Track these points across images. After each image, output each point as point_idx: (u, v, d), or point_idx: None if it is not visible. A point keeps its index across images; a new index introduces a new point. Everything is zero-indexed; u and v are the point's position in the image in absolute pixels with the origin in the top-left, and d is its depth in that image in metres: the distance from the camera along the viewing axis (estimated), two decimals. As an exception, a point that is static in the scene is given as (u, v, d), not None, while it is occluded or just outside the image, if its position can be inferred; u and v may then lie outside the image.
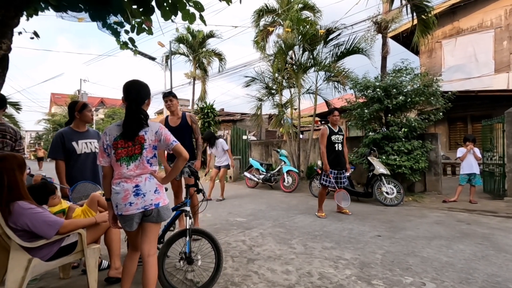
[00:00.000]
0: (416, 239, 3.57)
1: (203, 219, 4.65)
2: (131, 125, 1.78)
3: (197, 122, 3.31)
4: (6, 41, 1.23)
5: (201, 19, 2.30)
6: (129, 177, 1.79)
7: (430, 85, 6.54)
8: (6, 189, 1.82)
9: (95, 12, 1.91)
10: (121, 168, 1.79)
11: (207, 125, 12.82)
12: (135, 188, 1.78)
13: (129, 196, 1.77)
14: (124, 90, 1.85)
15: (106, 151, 1.82)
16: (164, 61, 16.78)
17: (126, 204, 1.76)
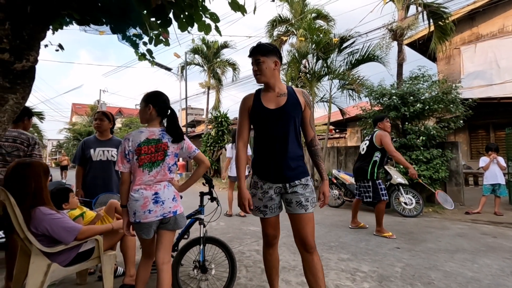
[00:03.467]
0: (438, 252, 3.41)
1: (216, 228, 4.64)
2: (179, 128, 1.94)
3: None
4: (34, 54, 1.30)
5: (217, 29, 2.34)
6: (149, 183, 1.81)
7: (449, 92, 6.36)
8: (31, 194, 1.89)
9: (115, 25, 1.98)
10: (142, 174, 1.81)
11: (221, 133, 12.94)
12: (154, 195, 1.80)
13: (148, 203, 1.77)
14: (162, 97, 1.94)
15: (127, 157, 1.84)
16: (179, 72, 17.19)
17: (145, 211, 1.77)
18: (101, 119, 3.00)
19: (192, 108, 31.24)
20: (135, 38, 2.64)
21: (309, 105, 1.90)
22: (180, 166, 14.93)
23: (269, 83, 1.87)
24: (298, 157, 1.86)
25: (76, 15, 1.65)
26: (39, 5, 1.30)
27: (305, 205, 1.80)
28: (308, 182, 1.86)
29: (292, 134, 1.82)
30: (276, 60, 1.85)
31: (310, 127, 1.93)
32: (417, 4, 8.19)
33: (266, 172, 1.87)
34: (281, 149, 1.81)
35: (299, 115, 1.85)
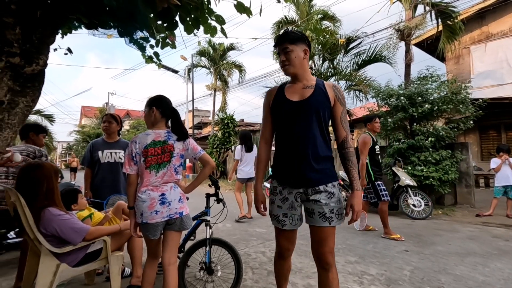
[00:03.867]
0: (448, 255, 3.34)
1: (223, 229, 4.64)
2: (182, 126, 1.99)
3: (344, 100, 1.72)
4: (43, 57, 1.32)
5: (222, 31, 2.35)
6: (156, 185, 1.84)
7: (459, 92, 6.25)
8: (42, 195, 1.93)
9: (123, 28, 2.01)
10: (150, 175, 1.83)
11: (227, 135, 12.98)
12: (161, 196, 1.82)
13: (155, 204, 1.80)
14: (165, 100, 2.00)
15: (134, 159, 1.86)
16: (186, 74, 17.32)
17: (152, 212, 1.79)
18: (109, 122, 3.04)
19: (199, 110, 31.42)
20: (142, 41, 2.67)
21: (341, 100, 1.64)
22: (188, 168, 15.02)
23: (297, 74, 1.65)
24: (325, 158, 1.60)
25: (84, 19, 1.68)
26: (48, 9, 1.33)
27: (329, 217, 1.57)
28: (334, 190, 1.60)
29: (317, 131, 1.58)
30: (306, 49, 1.64)
31: (341, 126, 1.64)
32: (425, 3, 8.10)
33: (286, 174, 1.65)
34: (304, 147, 1.58)
35: (326, 110, 1.60)
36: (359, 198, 1.59)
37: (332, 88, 1.65)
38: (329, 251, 1.60)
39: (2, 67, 1.20)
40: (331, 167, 1.64)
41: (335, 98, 1.63)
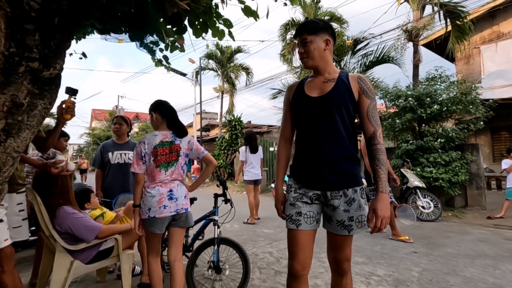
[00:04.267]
0: (457, 257, 3.30)
1: (230, 230, 4.68)
2: (182, 125, 2.10)
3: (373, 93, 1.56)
4: (60, 62, 1.39)
5: (230, 35, 2.40)
6: (165, 182, 1.96)
7: (468, 93, 6.17)
8: (58, 194, 2.01)
9: (134, 33, 2.07)
10: (160, 174, 1.95)
11: (235, 137, 13.05)
12: (169, 192, 1.94)
13: (163, 199, 1.91)
14: (162, 104, 2.12)
15: (143, 159, 1.95)
16: (194, 77, 17.50)
17: (161, 207, 1.90)
18: (120, 123, 3.12)
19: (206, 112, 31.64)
20: (152, 45, 2.74)
21: (367, 93, 1.47)
22: (195, 170, 15.14)
23: (318, 67, 1.51)
24: (347, 159, 1.45)
25: (98, 24, 1.75)
26: (65, 16, 1.40)
27: (348, 225, 1.42)
28: (355, 195, 1.43)
29: (339, 129, 1.44)
30: (328, 39, 1.49)
31: (368, 120, 1.45)
32: (433, 4, 8.03)
33: (303, 174, 1.51)
34: (323, 147, 1.45)
35: (349, 105, 1.45)
36: (384, 202, 1.36)
37: (356, 80, 1.48)
38: (346, 258, 1.50)
39: (23, 71, 1.27)
40: (355, 170, 1.46)
41: (360, 91, 1.47)
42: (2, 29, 1.16)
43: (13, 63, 1.22)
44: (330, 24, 1.54)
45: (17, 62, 1.23)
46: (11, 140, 1.30)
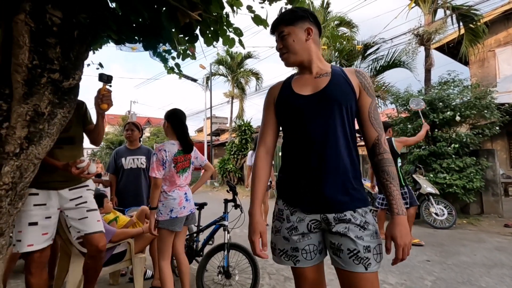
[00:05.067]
0: (473, 266, 3.22)
1: (240, 235, 4.69)
2: (190, 142, 2.27)
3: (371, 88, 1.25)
4: (79, 72, 1.46)
5: (240, 43, 2.45)
6: (181, 186, 2.18)
7: (483, 97, 6.04)
8: None
9: (148, 42, 2.15)
10: (179, 178, 2.16)
11: (244, 141, 13.12)
12: (185, 194, 2.21)
13: (182, 201, 2.15)
14: (176, 115, 2.27)
15: (164, 165, 2.11)
16: (204, 82, 17.74)
17: (181, 207, 2.13)
18: (131, 130, 3.21)
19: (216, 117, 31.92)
20: (165, 53, 2.82)
21: (369, 90, 1.20)
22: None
23: (303, 62, 1.24)
24: (353, 171, 1.14)
25: (114, 35, 1.82)
26: (84, 29, 1.47)
27: (364, 258, 1.06)
28: (367, 218, 1.12)
29: (341, 132, 1.14)
30: (309, 27, 1.21)
31: (371, 123, 1.18)
32: (445, 7, 7.93)
33: (296, 193, 1.18)
34: (323, 157, 1.13)
35: (351, 102, 1.16)
36: (404, 226, 1.07)
37: (355, 74, 1.21)
38: None
39: (44, 82, 1.34)
40: (361, 185, 1.17)
41: (361, 87, 1.20)
42: (27, 43, 1.23)
43: (36, 74, 1.29)
44: (311, 11, 1.26)
45: (39, 74, 1.30)
46: (32, 147, 1.36)
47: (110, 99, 1.77)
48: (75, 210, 1.86)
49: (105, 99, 1.76)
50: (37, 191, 1.77)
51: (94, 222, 1.88)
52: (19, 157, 1.32)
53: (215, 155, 17.86)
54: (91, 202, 1.94)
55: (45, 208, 1.78)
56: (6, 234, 1.39)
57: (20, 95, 1.28)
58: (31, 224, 1.72)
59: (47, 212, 1.79)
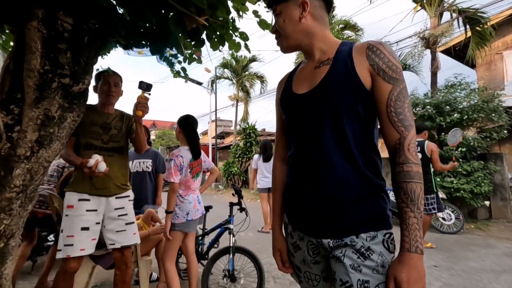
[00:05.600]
0: (481, 272, 3.16)
1: (245, 238, 4.68)
2: (199, 149, 2.34)
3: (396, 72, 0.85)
4: (88, 77, 1.49)
5: (246, 47, 2.47)
6: (194, 189, 2.28)
7: (491, 100, 5.97)
8: None
9: (155, 47, 2.18)
10: (194, 183, 2.28)
11: (249, 145, 13.13)
12: (197, 197, 2.33)
13: (196, 204, 2.25)
14: (187, 122, 2.34)
15: (181, 171, 2.19)
16: (209, 85, 17.85)
17: (196, 210, 2.24)
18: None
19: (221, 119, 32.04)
20: (171, 57, 2.85)
21: (387, 72, 0.86)
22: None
23: (301, 46, 1.01)
24: (358, 184, 0.89)
25: (122, 40, 1.85)
26: (94, 35, 1.50)
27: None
28: (374, 245, 0.86)
29: (339, 140, 0.90)
30: (304, 1, 0.95)
31: (389, 120, 0.86)
32: (452, 10, 7.89)
33: (294, 210, 1.02)
34: (316, 169, 0.92)
35: (352, 99, 0.89)
36: (415, 269, 0.78)
37: (365, 54, 0.88)
38: None
39: (55, 87, 1.37)
40: (375, 201, 0.89)
41: (372, 71, 0.87)
42: (39, 49, 1.26)
43: (47, 79, 1.32)
44: None
45: (50, 79, 1.33)
46: (43, 150, 1.39)
47: (146, 106, 1.83)
48: (115, 222, 1.90)
49: (140, 106, 1.81)
50: (89, 197, 1.83)
51: (131, 235, 1.94)
52: (30, 160, 1.35)
53: (220, 158, 17.90)
54: (131, 215, 1.98)
55: (96, 214, 1.83)
56: (16, 235, 1.41)
57: (32, 99, 1.30)
58: (84, 229, 1.76)
59: (97, 218, 1.83)
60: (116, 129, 2.01)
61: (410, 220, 0.81)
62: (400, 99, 0.86)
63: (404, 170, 0.84)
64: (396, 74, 0.87)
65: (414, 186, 0.82)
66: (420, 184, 0.82)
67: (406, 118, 0.85)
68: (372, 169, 0.91)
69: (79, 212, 1.77)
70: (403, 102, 0.86)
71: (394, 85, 0.86)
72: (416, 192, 0.82)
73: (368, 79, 0.88)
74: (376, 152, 0.94)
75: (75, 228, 1.74)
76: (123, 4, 1.74)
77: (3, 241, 1.32)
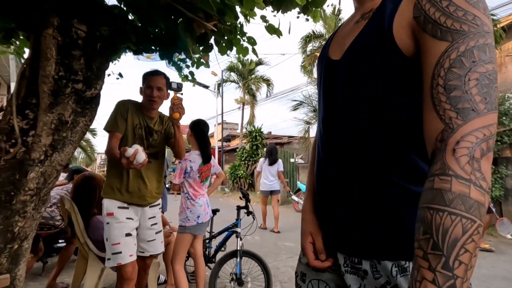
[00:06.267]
0: (492, 279, 3.10)
1: (252, 242, 4.68)
2: (209, 153, 2.38)
3: None
4: (100, 82, 1.52)
5: (254, 51, 2.49)
6: (203, 193, 2.31)
7: (501, 103, 5.88)
8: (94, 204, 2.15)
9: (164, 52, 2.21)
10: (203, 187, 2.32)
11: (255, 148, 13.15)
12: (206, 200, 2.37)
13: (205, 207, 2.29)
14: (199, 126, 2.38)
15: (185, 174, 2.26)
16: (216, 89, 17.96)
17: (206, 213, 2.28)
18: None
19: (227, 122, 32.15)
20: (180, 62, 2.89)
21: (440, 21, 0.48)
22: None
23: None
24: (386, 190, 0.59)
25: (133, 46, 1.89)
26: (106, 41, 1.53)
27: None
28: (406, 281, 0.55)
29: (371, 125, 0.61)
30: None
31: (431, 98, 0.48)
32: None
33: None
34: (335, 161, 0.68)
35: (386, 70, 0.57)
36: None
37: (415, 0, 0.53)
38: None
39: (68, 92, 1.40)
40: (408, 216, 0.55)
41: (416, 26, 0.53)
42: (54, 56, 1.30)
43: (61, 85, 1.35)
44: None
45: (64, 85, 1.36)
46: (56, 154, 1.42)
47: (181, 107, 1.75)
48: (148, 231, 1.89)
49: (176, 108, 1.73)
50: (128, 206, 1.80)
51: (159, 244, 1.95)
52: (44, 164, 1.38)
53: (226, 160, 17.95)
54: (160, 223, 1.97)
55: (133, 222, 1.81)
56: (29, 237, 1.44)
57: (46, 104, 1.34)
58: (128, 235, 1.74)
59: (135, 225, 1.82)
60: (157, 134, 1.93)
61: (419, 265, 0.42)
62: (462, 64, 0.46)
63: (434, 188, 0.43)
64: (461, 23, 0.48)
65: (448, 221, 0.40)
66: (467, 222, 0.40)
67: (466, 97, 0.45)
68: (408, 172, 0.59)
69: (120, 219, 1.74)
70: (467, 69, 0.46)
71: (453, 42, 0.48)
72: (451, 236, 0.40)
73: (408, 40, 0.54)
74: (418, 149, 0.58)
75: (119, 235, 1.71)
76: (134, 11, 1.78)
77: (17, 243, 1.35)
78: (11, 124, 1.30)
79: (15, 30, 1.86)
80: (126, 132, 1.79)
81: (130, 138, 1.80)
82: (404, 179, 0.58)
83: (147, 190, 1.83)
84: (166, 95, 1.93)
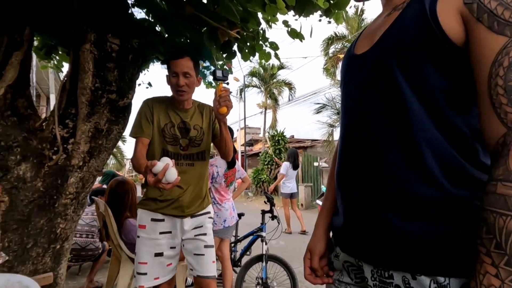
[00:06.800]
0: None
1: (276, 246, 4.65)
2: (234, 158, 2.41)
3: None
4: (132, 92, 1.61)
5: (276, 56, 2.51)
6: (228, 198, 2.37)
7: None
8: (127, 208, 2.26)
9: (190, 61, 2.29)
10: (228, 191, 2.40)
11: (278, 152, 13.12)
12: (232, 205, 2.46)
13: (232, 211, 2.36)
14: None
15: (212, 179, 2.35)
16: (238, 94, 18.21)
17: (232, 217, 2.35)
18: None
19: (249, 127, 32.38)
20: (203, 69, 2.98)
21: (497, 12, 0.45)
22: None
23: None
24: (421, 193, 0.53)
25: (161, 57, 1.98)
26: (137, 53, 1.62)
27: None
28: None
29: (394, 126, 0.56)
30: None
31: (490, 98, 0.46)
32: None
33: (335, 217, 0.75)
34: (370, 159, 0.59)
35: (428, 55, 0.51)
36: None
37: None
38: None
39: (104, 102, 1.50)
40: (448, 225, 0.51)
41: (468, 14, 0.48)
42: (91, 69, 1.40)
43: (97, 96, 1.45)
44: None
45: (100, 95, 1.46)
46: (93, 160, 1.52)
47: (229, 99, 1.38)
48: (193, 242, 1.56)
49: (223, 101, 1.35)
50: (163, 217, 1.52)
51: (209, 264, 1.56)
52: (82, 170, 1.48)
53: (249, 165, 18.06)
54: (210, 236, 1.61)
55: (170, 237, 1.54)
56: (69, 238, 1.54)
57: (84, 114, 1.44)
58: (157, 255, 1.50)
59: (172, 241, 1.55)
60: (195, 129, 1.56)
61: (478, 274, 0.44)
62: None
63: (497, 193, 0.44)
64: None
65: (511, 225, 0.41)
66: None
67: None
68: (450, 171, 0.53)
69: (152, 235, 1.50)
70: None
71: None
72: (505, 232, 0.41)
73: (458, 27, 0.49)
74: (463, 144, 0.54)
75: (148, 254, 1.49)
76: (161, 22, 1.87)
77: (59, 243, 1.45)
78: (53, 133, 1.41)
79: (55, 46, 2.02)
80: (153, 135, 1.49)
81: (159, 142, 1.49)
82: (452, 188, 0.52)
83: (184, 200, 1.51)
84: (197, 80, 1.58)
